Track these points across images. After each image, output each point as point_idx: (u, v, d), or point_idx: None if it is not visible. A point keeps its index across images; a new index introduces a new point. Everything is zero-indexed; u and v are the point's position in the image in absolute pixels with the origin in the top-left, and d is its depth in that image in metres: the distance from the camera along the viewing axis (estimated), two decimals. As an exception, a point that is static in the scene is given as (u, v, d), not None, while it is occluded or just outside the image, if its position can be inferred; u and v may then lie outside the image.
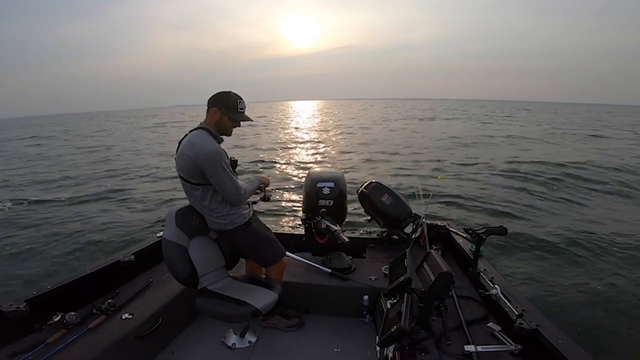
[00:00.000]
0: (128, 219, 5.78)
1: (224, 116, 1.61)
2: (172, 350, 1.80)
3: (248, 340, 1.85)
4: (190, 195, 1.68)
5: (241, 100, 1.64)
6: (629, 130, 21.83)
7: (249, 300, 1.64)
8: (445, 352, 1.40)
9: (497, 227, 1.85)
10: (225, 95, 1.61)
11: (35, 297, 1.55)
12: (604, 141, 15.58)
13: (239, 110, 1.63)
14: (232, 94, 1.62)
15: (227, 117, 1.61)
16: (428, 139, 16.47)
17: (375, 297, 1.97)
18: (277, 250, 1.86)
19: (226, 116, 1.61)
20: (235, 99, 1.61)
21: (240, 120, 1.65)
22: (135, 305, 1.76)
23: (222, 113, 1.60)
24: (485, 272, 1.85)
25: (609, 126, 24.97)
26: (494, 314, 1.67)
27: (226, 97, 1.61)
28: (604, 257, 4.10)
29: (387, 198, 2.47)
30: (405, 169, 9.47)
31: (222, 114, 1.61)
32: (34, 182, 9.21)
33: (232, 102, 1.61)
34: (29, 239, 5.02)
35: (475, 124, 26.14)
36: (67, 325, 1.51)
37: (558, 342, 1.28)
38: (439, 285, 1.49)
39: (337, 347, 1.83)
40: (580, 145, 13.89)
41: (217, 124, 1.63)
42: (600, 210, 5.86)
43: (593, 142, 15.08)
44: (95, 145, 17.91)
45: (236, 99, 1.62)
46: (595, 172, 8.56)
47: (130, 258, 1.99)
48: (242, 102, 1.64)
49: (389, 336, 1.38)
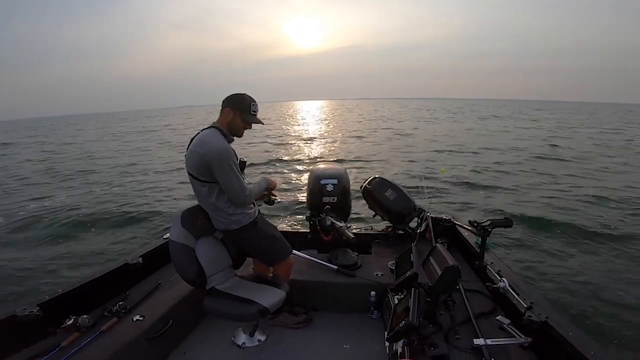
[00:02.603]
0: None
1: (236, 117, 1.65)
2: (183, 350, 1.82)
3: (257, 339, 1.87)
4: (198, 193, 1.70)
5: (254, 103, 1.68)
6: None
7: (257, 299, 1.65)
8: (455, 346, 1.40)
9: (502, 220, 1.84)
10: (240, 97, 1.66)
11: (47, 301, 1.57)
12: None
13: (251, 113, 1.68)
14: (247, 96, 1.67)
15: (240, 118, 1.66)
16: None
17: (382, 293, 1.98)
18: (284, 249, 1.87)
19: (239, 117, 1.65)
20: (249, 102, 1.66)
21: (252, 122, 1.70)
22: (145, 307, 1.78)
23: (235, 114, 1.65)
24: (492, 264, 1.85)
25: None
26: (502, 307, 1.66)
27: (240, 99, 1.66)
28: (620, 249, 4.06)
29: (390, 193, 2.47)
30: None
31: (235, 115, 1.65)
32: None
33: (245, 104, 1.66)
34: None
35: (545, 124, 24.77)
36: (80, 328, 1.52)
37: (568, 334, 1.27)
38: (445, 280, 1.49)
39: (345, 344, 1.84)
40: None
41: (229, 124, 1.67)
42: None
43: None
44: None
45: (250, 101, 1.67)
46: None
47: (138, 260, 2.01)
48: (255, 105, 1.69)
49: (398, 331, 1.38)
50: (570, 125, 25.42)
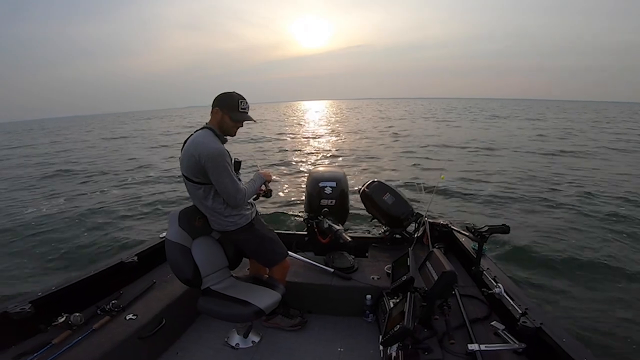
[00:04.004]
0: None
1: (225, 116, 1.62)
2: (176, 350, 1.81)
3: (251, 340, 1.86)
4: (193, 195, 1.69)
5: (243, 100, 1.65)
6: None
7: (252, 300, 1.64)
8: (449, 351, 1.40)
9: (499, 226, 1.84)
10: (227, 96, 1.63)
11: (39, 298, 1.55)
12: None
13: (240, 110, 1.64)
14: (235, 94, 1.64)
15: (228, 116, 1.62)
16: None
17: (378, 297, 1.97)
18: (280, 251, 1.86)
19: (227, 116, 1.62)
20: (237, 99, 1.63)
21: (241, 120, 1.66)
22: (139, 306, 1.76)
23: (224, 113, 1.62)
24: (488, 270, 1.85)
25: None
26: (497, 312, 1.66)
27: (228, 97, 1.63)
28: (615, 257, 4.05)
29: (389, 197, 2.47)
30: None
31: (223, 114, 1.62)
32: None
33: (233, 102, 1.62)
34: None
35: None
36: (72, 326, 1.51)
37: (562, 341, 1.27)
38: (441, 284, 1.49)
39: (340, 347, 1.83)
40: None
41: (220, 124, 1.64)
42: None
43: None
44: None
45: (238, 98, 1.63)
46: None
47: (134, 259, 2.00)
48: (244, 102, 1.65)
49: (392, 335, 1.38)
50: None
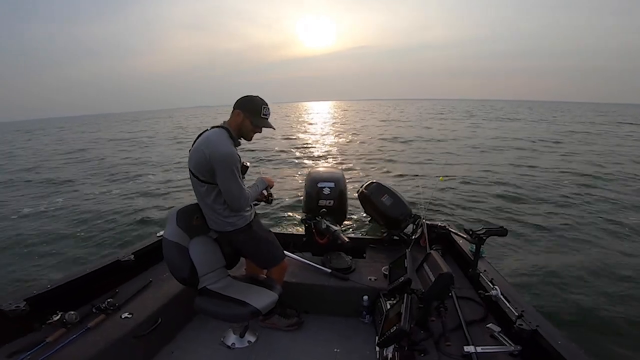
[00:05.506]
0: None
1: (246, 119, 1.62)
2: (171, 349, 1.80)
3: (247, 340, 1.85)
4: (196, 191, 1.69)
5: (266, 107, 1.64)
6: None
7: (249, 300, 1.64)
8: (445, 353, 1.40)
9: (497, 228, 1.84)
10: (251, 99, 1.63)
11: (34, 296, 1.54)
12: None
13: (262, 116, 1.64)
14: (258, 98, 1.63)
15: (249, 120, 1.62)
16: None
17: (375, 298, 1.97)
18: (277, 253, 1.86)
19: (248, 120, 1.62)
20: (260, 104, 1.63)
21: (261, 126, 1.66)
22: (135, 304, 1.76)
23: (245, 116, 1.61)
24: (485, 272, 1.85)
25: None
26: (493, 314, 1.66)
27: (251, 101, 1.63)
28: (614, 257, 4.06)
29: (387, 198, 2.47)
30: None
31: (244, 117, 1.61)
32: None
33: (256, 107, 1.62)
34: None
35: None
36: (67, 324, 1.50)
37: (557, 343, 1.28)
38: (438, 286, 1.49)
39: (336, 348, 1.83)
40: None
41: (239, 127, 1.64)
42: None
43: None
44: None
45: (261, 104, 1.63)
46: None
47: (130, 257, 1.99)
48: (267, 109, 1.65)
49: (389, 337, 1.38)
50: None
